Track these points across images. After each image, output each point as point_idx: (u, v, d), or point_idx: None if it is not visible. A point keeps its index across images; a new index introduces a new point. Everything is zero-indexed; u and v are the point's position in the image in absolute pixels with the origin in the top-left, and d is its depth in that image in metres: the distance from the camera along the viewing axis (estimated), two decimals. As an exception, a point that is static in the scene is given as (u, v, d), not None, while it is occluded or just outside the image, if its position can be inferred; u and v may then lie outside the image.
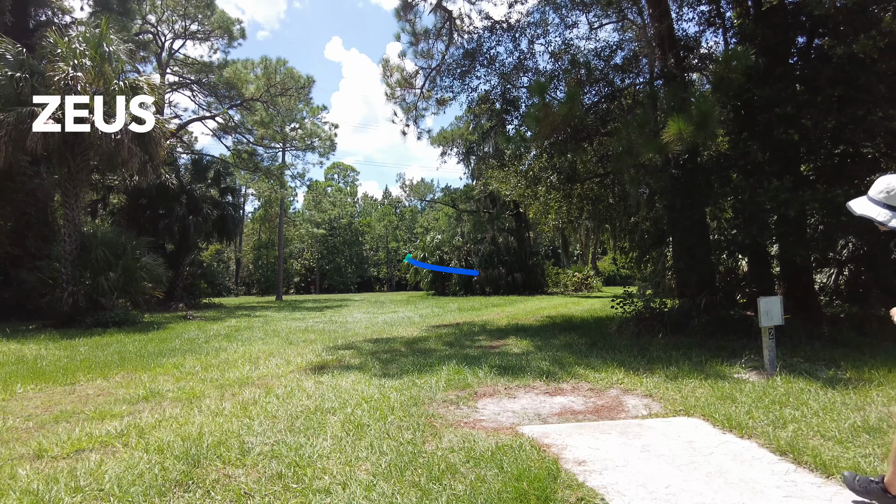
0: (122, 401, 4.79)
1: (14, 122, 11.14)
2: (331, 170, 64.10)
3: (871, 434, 3.39)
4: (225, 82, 23.58)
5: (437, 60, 11.74)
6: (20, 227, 14.80)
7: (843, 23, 6.75)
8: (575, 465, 3.04)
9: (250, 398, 4.73)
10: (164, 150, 13.63)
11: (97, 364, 6.83)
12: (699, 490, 2.69)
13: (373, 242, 61.49)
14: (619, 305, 9.73)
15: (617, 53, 10.32)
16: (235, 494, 2.68)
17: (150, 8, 23.34)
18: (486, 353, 7.28)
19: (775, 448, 3.25)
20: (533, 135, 8.58)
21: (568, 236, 30.78)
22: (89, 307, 11.96)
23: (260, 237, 49.09)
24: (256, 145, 26.53)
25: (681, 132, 5.86)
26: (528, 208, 15.11)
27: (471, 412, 4.26)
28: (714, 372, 5.49)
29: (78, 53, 11.97)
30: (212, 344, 8.89)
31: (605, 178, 11.15)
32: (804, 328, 7.25)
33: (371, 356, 7.14)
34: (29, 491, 2.74)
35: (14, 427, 4.03)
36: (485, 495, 2.59)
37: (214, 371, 6.23)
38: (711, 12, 9.18)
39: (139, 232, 16.63)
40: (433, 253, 32.68)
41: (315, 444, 3.39)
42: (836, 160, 7.64)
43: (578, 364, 6.16)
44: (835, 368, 5.43)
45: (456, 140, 28.00)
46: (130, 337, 9.88)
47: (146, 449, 3.34)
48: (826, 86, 6.82)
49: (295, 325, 12.46)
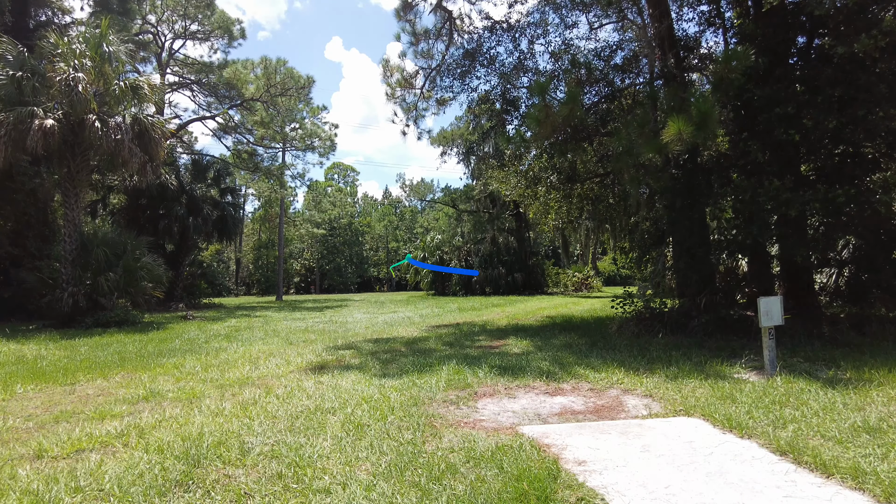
0: (122, 401, 4.79)
1: (14, 121, 11.14)
2: (331, 170, 64.16)
3: (872, 434, 3.39)
4: (225, 82, 23.59)
5: (437, 60, 11.76)
6: (20, 227, 14.80)
7: (844, 23, 6.75)
8: (575, 465, 3.04)
9: (250, 398, 4.73)
10: (164, 151, 13.63)
11: (97, 364, 6.83)
12: (699, 490, 2.69)
13: (373, 242, 61.48)
14: (619, 305, 9.73)
15: (617, 53, 10.34)
16: (235, 494, 2.68)
17: (150, 8, 23.34)
18: (486, 353, 7.28)
19: (775, 448, 3.24)
20: (533, 135, 8.59)
21: (568, 236, 30.84)
22: (89, 307, 11.96)
23: (260, 237, 49.08)
24: (256, 145, 26.53)
25: (680, 132, 5.87)
26: (528, 208, 15.11)
27: (471, 412, 4.26)
28: (714, 372, 5.49)
29: (78, 54, 11.98)
30: (212, 344, 8.89)
31: (605, 178, 11.16)
32: (804, 328, 7.25)
33: (371, 356, 7.14)
34: (29, 491, 2.74)
35: (14, 427, 4.03)
36: (485, 495, 2.60)
37: (214, 371, 6.23)
38: (711, 12, 9.18)
39: (139, 232, 16.62)
40: (433, 253, 32.68)
41: (315, 444, 3.39)
42: (837, 160, 7.64)
43: (578, 364, 6.16)
44: (835, 368, 5.43)
45: (456, 140, 28.00)
46: (130, 337, 9.88)
47: (146, 449, 3.35)
48: (826, 86, 6.82)
49: (295, 325, 12.46)
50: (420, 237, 43.20)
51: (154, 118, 13.61)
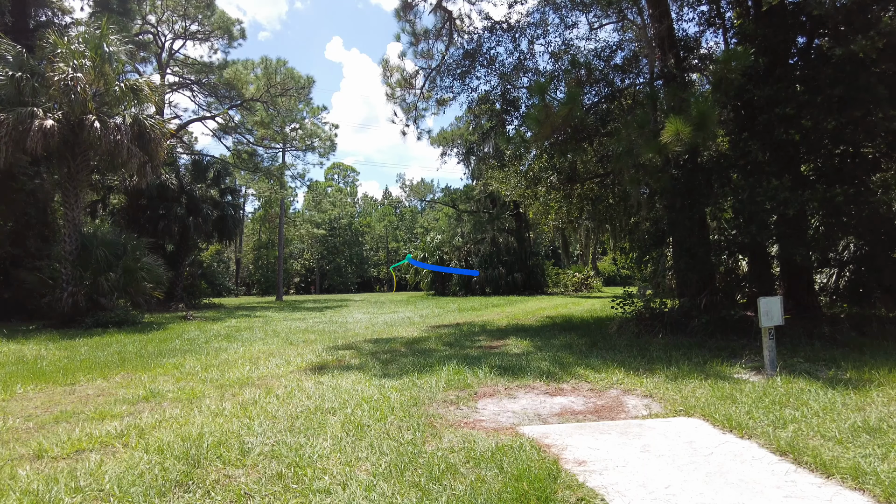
0: (122, 401, 4.79)
1: (14, 122, 11.14)
2: (331, 170, 64.17)
3: (872, 434, 3.39)
4: (225, 83, 23.59)
5: (437, 61, 11.76)
6: (20, 227, 14.80)
7: (843, 23, 6.75)
8: (575, 466, 3.04)
9: (250, 398, 4.73)
10: (163, 151, 13.62)
11: (97, 364, 6.83)
12: (699, 490, 2.69)
13: (373, 243, 61.48)
14: (619, 306, 9.73)
15: (617, 54, 10.34)
16: (235, 495, 2.68)
17: (150, 8, 23.35)
18: (486, 353, 7.28)
19: (775, 448, 3.24)
20: (533, 135, 8.59)
21: (568, 236, 30.80)
22: (89, 307, 11.96)
23: (260, 237, 49.08)
24: (256, 145, 26.53)
25: (679, 133, 5.87)
26: (528, 208, 15.11)
27: (471, 412, 4.26)
28: (714, 372, 5.48)
29: (78, 54, 11.98)
30: (212, 344, 8.88)
31: (605, 178, 11.15)
32: (804, 328, 7.25)
33: (371, 356, 7.14)
34: (29, 491, 2.74)
35: (14, 427, 4.03)
36: (485, 496, 2.59)
37: (214, 371, 6.23)
38: (711, 12, 9.19)
39: (139, 232, 16.63)
40: (433, 253, 32.68)
41: (315, 444, 3.39)
42: (837, 161, 7.64)
43: (578, 364, 6.16)
44: (835, 368, 5.43)
45: (456, 140, 27.99)
46: (130, 337, 9.87)
47: (146, 449, 3.34)
48: (826, 86, 6.82)
49: (295, 325, 12.45)
50: (420, 237, 43.21)
51: (154, 118, 13.60)
